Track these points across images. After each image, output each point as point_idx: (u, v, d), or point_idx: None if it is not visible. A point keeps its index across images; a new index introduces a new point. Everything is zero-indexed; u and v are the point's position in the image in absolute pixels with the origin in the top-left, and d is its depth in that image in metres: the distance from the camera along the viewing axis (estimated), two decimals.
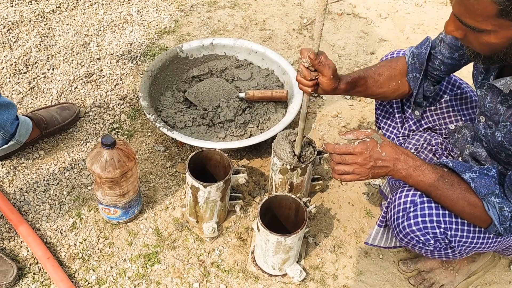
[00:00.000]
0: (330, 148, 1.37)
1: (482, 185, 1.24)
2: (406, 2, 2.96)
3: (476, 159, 1.45)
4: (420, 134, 1.66)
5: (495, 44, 1.12)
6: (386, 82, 1.55)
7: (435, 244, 1.35)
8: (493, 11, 1.04)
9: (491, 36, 1.10)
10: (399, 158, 1.31)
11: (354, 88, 1.52)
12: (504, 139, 1.25)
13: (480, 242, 1.35)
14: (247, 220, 1.83)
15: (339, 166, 1.35)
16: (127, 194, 1.67)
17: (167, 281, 1.65)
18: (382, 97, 1.61)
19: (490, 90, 1.29)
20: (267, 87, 2.20)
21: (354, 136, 1.36)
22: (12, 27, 2.43)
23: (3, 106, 1.77)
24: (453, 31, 1.16)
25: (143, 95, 2.01)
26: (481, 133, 1.37)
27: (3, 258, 1.60)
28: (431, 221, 1.32)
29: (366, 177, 1.34)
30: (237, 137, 1.99)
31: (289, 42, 2.61)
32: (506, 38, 1.09)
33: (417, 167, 1.30)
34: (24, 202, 1.81)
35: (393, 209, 1.40)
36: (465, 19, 1.11)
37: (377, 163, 1.31)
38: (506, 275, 1.76)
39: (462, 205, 1.27)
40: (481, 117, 1.35)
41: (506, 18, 1.05)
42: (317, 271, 1.71)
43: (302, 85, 1.44)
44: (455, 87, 1.65)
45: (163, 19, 2.66)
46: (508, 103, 1.24)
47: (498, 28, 1.07)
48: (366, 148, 1.31)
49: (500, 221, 1.24)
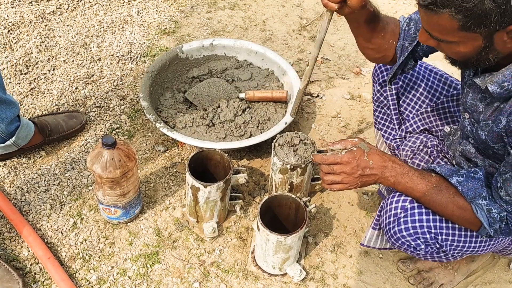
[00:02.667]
0: (318, 159, 1.39)
1: (469, 188, 1.25)
2: (405, 2, 2.96)
3: (467, 157, 1.45)
4: (416, 136, 1.66)
5: (466, 53, 1.15)
6: (387, 35, 1.48)
7: (426, 249, 1.36)
8: (454, 26, 1.07)
9: (460, 46, 1.13)
10: (387, 165, 1.32)
11: (373, 20, 1.42)
12: (488, 137, 1.26)
13: (473, 246, 1.36)
14: (247, 220, 1.84)
15: (328, 176, 1.37)
16: (127, 194, 1.68)
17: (168, 280, 1.65)
18: (374, 49, 1.51)
19: (472, 87, 1.30)
20: (267, 87, 2.21)
21: (342, 145, 1.37)
22: (13, 28, 2.44)
23: (4, 103, 1.76)
24: (426, 41, 1.20)
25: (144, 96, 2.01)
26: (467, 129, 1.38)
27: (11, 273, 1.57)
28: (421, 226, 1.34)
29: (355, 186, 1.36)
30: (237, 137, 2.00)
31: (289, 43, 2.62)
32: (474, 47, 1.12)
33: (404, 173, 1.32)
34: (25, 202, 1.82)
35: (384, 214, 1.41)
36: (433, 32, 1.15)
37: (365, 171, 1.33)
38: (505, 275, 1.76)
39: (451, 209, 1.28)
40: (465, 114, 1.36)
41: (469, 31, 1.08)
42: (317, 271, 1.71)
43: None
44: (451, 88, 1.66)
45: (163, 20, 2.66)
46: (487, 100, 1.25)
47: (464, 39, 1.11)
48: (353, 157, 1.32)
49: (489, 223, 1.24)
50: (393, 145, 1.75)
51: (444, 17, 1.07)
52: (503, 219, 1.23)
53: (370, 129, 2.21)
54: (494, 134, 1.23)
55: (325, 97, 2.34)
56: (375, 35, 1.46)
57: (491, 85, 1.16)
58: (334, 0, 1.32)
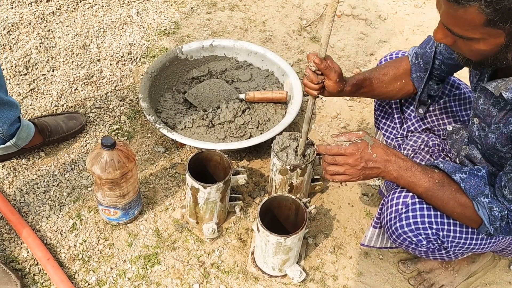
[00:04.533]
0: (322, 149, 1.40)
1: (472, 186, 1.25)
2: (406, 3, 2.96)
3: (472, 161, 1.45)
4: (417, 136, 1.66)
5: (485, 51, 1.12)
6: (391, 81, 1.56)
7: (427, 245, 1.36)
8: (481, 21, 1.04)
9: (480, 43, 1.10)
10: (390, 159, 1.33)
11: (360, 89, 1.53)
12: (497, 140, 1.26)
13: (474, 243, 1.36)
14: (247, 221, 1.83)
15: (331, 167, 1.38)
16: (127, 195, 1.67)
17: (167, 282, 1.65)
18: (387, 97, 1.62)
19: (483, 93, 1.29)
20: (267, 88, 2.20)
21: (346, 138, 1.39)
22: (12, 29, 2.44)
23: (6, 105, 1.76)
24: (442, 38, 1.16)
25: (143, 97, 2.01)
26: (475, 135, 1.38)
27: (10, 274, 1.57)
28: (422, 222, 1.34)
29: (357, 178, 1.37)
30: (236, 138, 2.00)
31: (289, 44, 2.62)
32: (495, 44, 1.10)
33: (407, 168, 1.32)
34: (24, 203, 1.81)
35: (386, 211, 1.41)
36: (454, 28, 1.11)
37: (368, 164, 1.33)
38: (506, 276, 1.76)
39: (452, 205, 1.28)
40: (475, 119, 1.36)
41: (494, 27, 1.05)
42: (317, 272, 1.71)
43: (309, 88, 1.44)
44: (454, 87, 1.66)
45: (163, 21, 2.66)
46: (500, 105, 1.24)
47: (487, 36, 1.08)
48: (357, 149, 1.33)
49: (490, 221, 1.24)
50: (394, 144, 1.74)
51: (471, 11, 1.03)
52: (504, 218, 1.23)
53: (370, 130, 2.20)
54: (503, 136, 1.23)
55: (325, 98, 2.34)
56: (378, 90, 1.55)
57: (506, 92, 1.16)
58: (314, 88, 1.42)
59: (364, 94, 1.57)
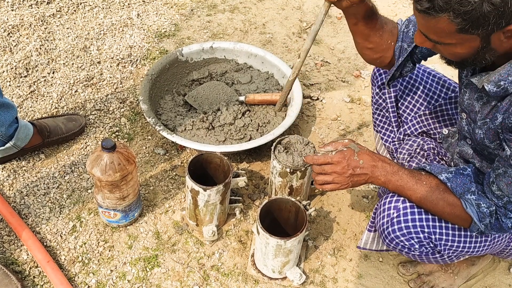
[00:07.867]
0: (309, 160, 1.41)
1: (458, 184, 1.27)
2: (405, 5, 2.97)
3: (464, 159, 1.46)
4: (413, 140, 1.66)
5: (463, 53, 1.15)
6: (385, 34, 1.48)
7: (420, 249, 1.37)
8: (453, 29, 1.08)
9: (457, 47, 1.14)
10: (377, 165, 1.34)
11: (371, 17, 1.43)
12: (485, 135, 1.27)
13: (468, 246, 1.36)
14: (247, 223, 1.83)
15: (319, 176, 1.39)
16: (127, 198, 1.67)
17: (167, 284, 1.65)
18: (372, 49, 1.51)
19: (469, 87, 1.31)
20: (267, 90, 2.20)
21: (333, 147, 1.40)
22: (13, 31, 2.44)
23: (2, 106, 1.76)
24: (422, 43, 1.20)
25: (143, 99, 2.01)
26: (465, 129, 1.39)
27: (10, 276, 1.57)
28: (414, 226, 1.34)
29: (346, 186, 1.38)
30: (236, 141, 2.00)
31: (289, 46, 2.62)
32: (471, 48, 1.12)
33: (394, 172, 1.33)
34: (24, 206, 1.81)
35: (378, 215, 1.42)
36: (429, 35, 1.15)
37: (355, 171, 1.34)
38: (505, 278, 1.76)
39: (442, 205, 1.29)
40: (462, 113, 1.37)
41: (467, 33, 1.08)
42: (317, 274, 1.71)
43: None
44: (450, 90, 1.66)
45: (163, 23, 2.67)
46: (483, 100, 1.25)
47: (462, 41, 1.11)
48: (344, 157, 1.34)
49: (479, 218, 1.25)
50: (392, 148, 1.75)
51: (442, 21, 1.07)
52: (493, 214, 1.24)
53: (370, 132, 2.21)
54: (490, 132, 1.24)
55: (325, 100, 2.34)
56: (373, 33, 1.46)
57: (488, 84, 1.17)
58: None
59: (367, 27, 1.45)
